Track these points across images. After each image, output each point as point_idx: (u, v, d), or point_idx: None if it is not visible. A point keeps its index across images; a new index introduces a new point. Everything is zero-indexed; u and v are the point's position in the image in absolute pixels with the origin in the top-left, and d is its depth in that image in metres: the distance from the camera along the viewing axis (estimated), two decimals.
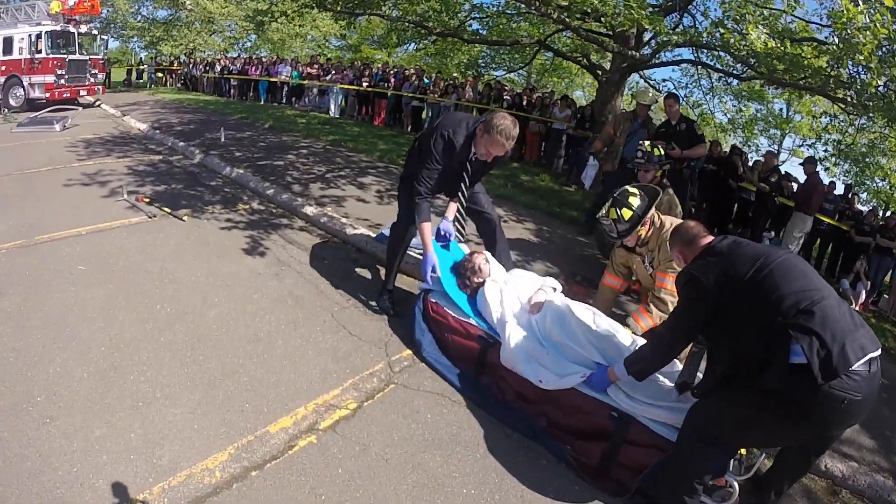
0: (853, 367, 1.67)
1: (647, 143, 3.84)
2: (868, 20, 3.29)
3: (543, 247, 5.10)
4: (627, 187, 3.02)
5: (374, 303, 3.48)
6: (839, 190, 8.55)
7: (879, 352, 1.75)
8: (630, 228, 2.90)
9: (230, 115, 11.78)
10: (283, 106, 14.42)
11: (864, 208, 8.98)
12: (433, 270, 3.05)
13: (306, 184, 6.12)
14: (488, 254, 3.24)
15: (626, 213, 2.90)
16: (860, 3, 3.41)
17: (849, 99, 4.12)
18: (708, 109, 10.62)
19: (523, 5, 5.96)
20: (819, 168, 6.87)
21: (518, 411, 2.59)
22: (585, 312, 2.67)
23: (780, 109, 13.99)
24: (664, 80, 10.16)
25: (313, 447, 2.16)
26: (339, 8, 7.45)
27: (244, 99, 16.03)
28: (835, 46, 3.75)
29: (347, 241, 4.61)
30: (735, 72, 6.59)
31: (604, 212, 2.99)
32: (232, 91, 16.66)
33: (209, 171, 6.58)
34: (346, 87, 12.83)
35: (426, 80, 12.04)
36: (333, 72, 13.55)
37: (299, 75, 14.40)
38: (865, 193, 12.64)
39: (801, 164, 6.80)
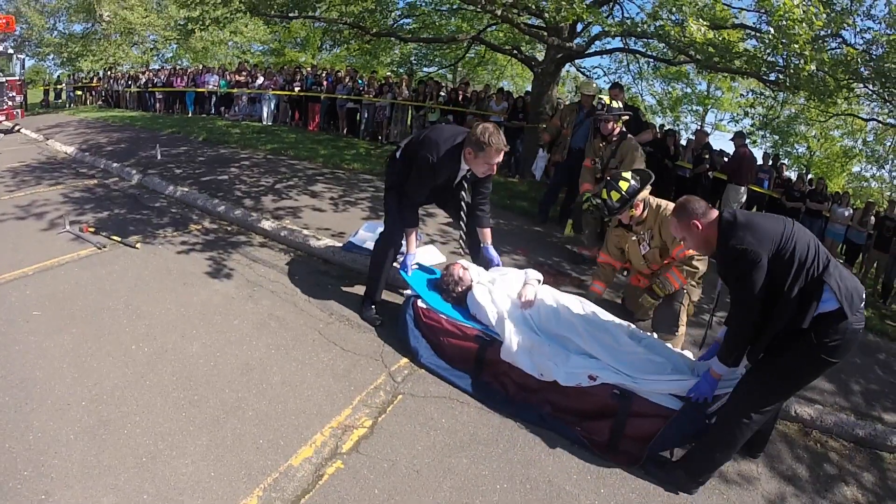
0: (861, 307, 2.12)
1: (605, 97, 3.93)
2: (804, 12, 3.62)
3: (505, 240, 5.21)
4: (621, 171, 3.32)
5: (357, 315, 3.44)
6: (759, 160, 9.33)
7: None
8: (621, 207, 3.21)
9: (160, 130, 11.03)
10: (213, 116, 13.68)
11: (792, 174, 9.88)
12: (409, 267, 3.27)
13: (257, 197, 5.89)
14: (463, 261, 3.32)
15: (615, 195, 3.21)
16: None
17: (780, 81, 4.51)
18: (637, 92, 11.23)
19: (468, 4, 5.99)
20: (747, 141, 7.46)
21: (523, 402, 2.70)
22: (575, 303, 2.83)
23: (701, 88, 14.96)
24: (594, 67, 10.62)
25: (342, 473, 2.13)
26: (272, 12, 7.16)
27: (171, 112, 15.10)
28: (770, 35, 4.09)
29: (312, 254, 4.51)
30: (667, 58, 6.99)
31: (598, 193, 3.32)
32: (157, 105, 15.63)
33: (151, 192, 6.16)
34: (278, 92, 12.38)
35: (360, 82, 11.85)
36: (262, 78, 13.02)
37: (227, 84, 13.73)
38: (787, 159, 13.92)
39: (731, 139, 7.35)
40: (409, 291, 3.28)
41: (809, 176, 10.79)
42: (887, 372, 3.97)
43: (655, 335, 3.10)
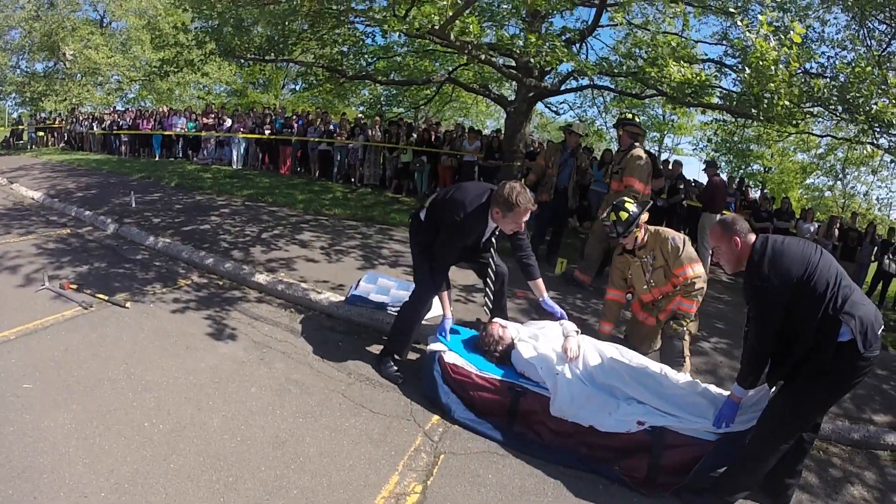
0: (876, 339, 2.23)
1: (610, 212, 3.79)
2: (778, 53, 3.93)
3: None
4: (624, 197, 3.57)
5: (375, 372, 3.37)
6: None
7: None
8: (627, 228, 3.41)
9: (129, 175, 10.67)
10: (181, 160, 13.37)
11: (755, 194, 10.50)
12: (446, 332, 3.24)
13: (245, 248, 5.73)
14: (499, 319, 3.34)
15: (623, 215, 3.43)
16: (771, 39, 4.06)
17: (754, 114, 4.83)
18: (602, 125, 11.76)
19: (450, 48, 6.17)
20: (722, 173, 7.88)
21: (560, 448, 2.73)
22: (615, 351, 2.90)
23: (657, 114, 15.77)
24: (560, 103, 10.97)
25: None
26: (248, 55, 7.14)
27: (137, 155, 14.66)
28: (746, 75, 4.39)
29: (314, 308, 4.40)
30: (634, 92, 7.35)
31: (605, 216, 3.51)
32: (123, 147, 15.12)
33: (129, 243, 5.90)
34: (248, 136, 12.24)
35: (332, 124, 11.86)
36: (230, 121, 12.87)
37: (195, 126, 13.48)
38: (743, 177, 14.86)
39: (703, 169, 7.73)
40: (431, 347, 3.22)
41: (767, 192, 11.57)
42: (871, 376, 4.21)
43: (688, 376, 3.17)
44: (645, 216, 3.51)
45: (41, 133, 19.16)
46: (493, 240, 3.31)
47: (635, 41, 5.54)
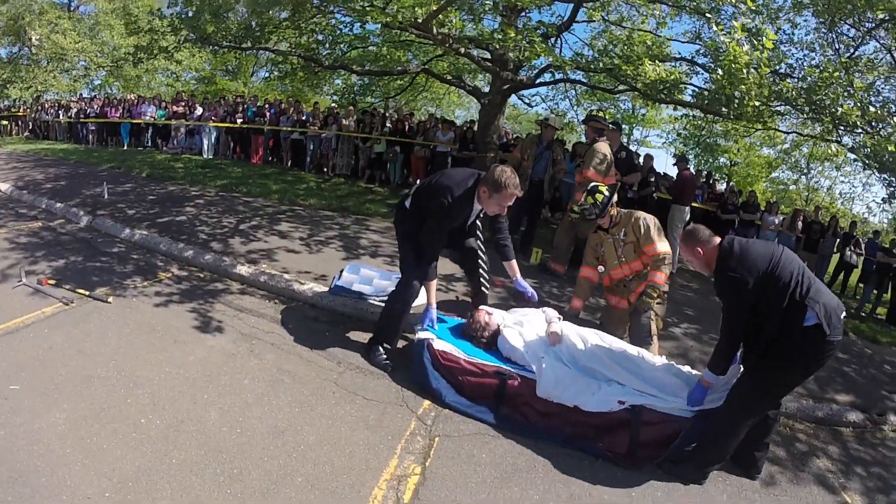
0: (840, 324, 2.47)
1: (587, 197, 4.04)
2: (750, 57, 4.15)
3: None
4: (597, 184, 3.90)
5: (363, 360, 3.46)
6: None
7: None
8: (602, 208, 3.71)
9: (98, 165, 10.29)
10: (150, 150, 12.92)
11: (721, 186, 10.92)
12: (433, 321, 3.35)
13: (224, 239, 5.69)
14: (485, 306, 3.47)
15: (599, 197, 3.74)
16: (744, 44, 4.28)
17: (725, 113, 5.07)
18: (573, 118, 12.01)
19: (430, 41, 6.19)
20: (690, 165, 8.20)
21: (546, 428, 2.91)
22: (595, 336, 3.08)
23: (626, 107, 16.15)
24: (533, 95, 11.12)
25: None
26: (225, 43, 6.99)
27: (105, 145, 14.09)
28: (719, 76, 4.61)
29: (297, 299, 4.44)
30: (608, 87, 7.54)
31: (582, 200, 3.82)
32: (90, 136, 14.51)
33: (104, 236, 5.75)
34: (220, 125, 11.96)
35: (305, 113, 11.71)
36: (201, 109, 12.53)
37: (165, 115, 13.08)
38: (710, 169, 15.42)
39: (674, 164, 8.04)
40: (419, 335, 3.33)
41: (732, 184, 12.07)
42: (834, 360, 4.60)
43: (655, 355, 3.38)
44: (615, 198, 3.84)
45: (4, 122, 18.21)
46: (478, 222, 3.40)
47: (611, 38, 5.71)
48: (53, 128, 16.35)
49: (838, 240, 9.99)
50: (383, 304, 3.60)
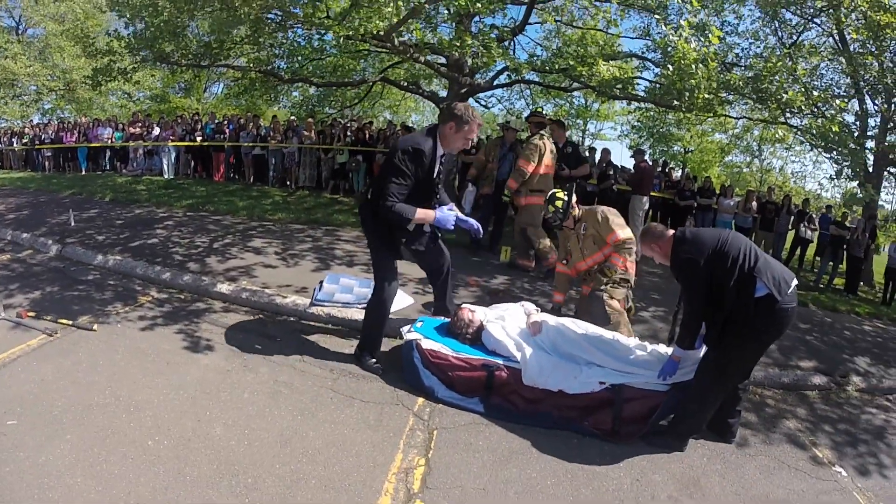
0: (790, 291, 2.74)
1: (548, 205, 4.24)
2: (698, 53, 4.48)
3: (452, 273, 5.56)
4: (554, 190, 4.20)
5: (355, 367, 3.58)
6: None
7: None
8: (565, 213, 4.03)
9: (59, 192, 10.01)
10: (109, 173, 12.62)
11: (677, 173, 11.42)
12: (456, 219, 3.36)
13: (200, 259, 5.69)
14: (468, 305, 3.65)
15: (559, 204, 4.04)
16: (692, 41, 4.60)
17: (676, 106, 5.41)
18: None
19: (390, 51, 6.34)
20: (646, 157, 8.62)
21: (535, 413, 3.13)
22: (573, 324, 3.34)
23: (580, 102, 16.66)
24: (489, 97, 11.39)
25: None
26: (184, 62, 6.95)
27: (63, 170, 13.69)
28: (670, 72, 4.93)
29: (281, 313, 4.54)
30: (562, 86, 7.85)
31: (545, 210, 4.16)
32: (46, 163, 14.07)
33: (77, 264, 5.65)
34: (180, 143, 11.77)
35: (264, 127, 11.65)
36: (158, 129, 12.30)
37: (122, 136, 12.77)
38: (664, 158, 16.06)
39: (631, 156, 8.45)
40: (407, 336, 3.49)
41: (688, 171, 12.67)
42: (794, 329, 5.05)
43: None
44: (573, 199, 4.13)
45: None
46: (438, 177, 3.33)
47: (564, 38, 5.99)
48: (7, 156, 15.74)
49: (792, 217, 10.54)
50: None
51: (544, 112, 5.96)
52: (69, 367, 3.45)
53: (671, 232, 3.02)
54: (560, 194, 4.12)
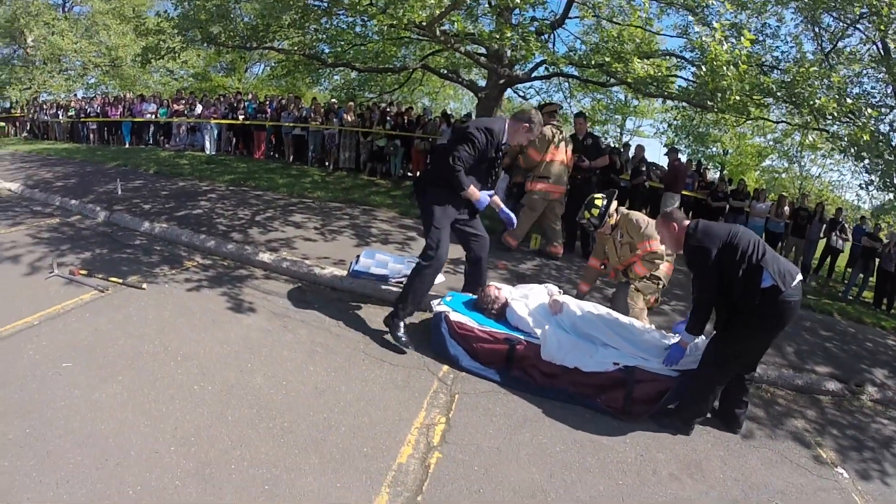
0: (794, 284, 2.86)
1: (584, 211, 4.33)
2: (730, 56, 4.54)
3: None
4: (594, 194, 4.18)
5: (387, 336, 3.76)
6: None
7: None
8: (600, 221, 4.06)
9: (104, 163, 10.54)
10: (153, 147, 13.17)
11: (712, 174, 11.30)
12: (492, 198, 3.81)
13: (242, 230, 6.03)
14: (495, 283, 3.87)
15: (595, 212, 4.08)
16: (724, 43, 4.66)
17: (709, 106, 5.45)
18: (566, 109, 12.40)
19: (432, 40, 6.52)
20: (681, 155, 8.61)
21: (551, 387, 3.32)
22: (592, 307, 3.52)
23: (620, 97, 16.54)
24: (528, 88, 11.50)
25: (444, 460, 2.59)
26: (230, 43, 7.29)
27: (107, 143, 14.33)
28: (703, 73, 4.99)
29: (319, 283, 4.80)
30: (600, 81, 7.91)
31: (581, 215, 4.18)
32: (91, 136, 14.72)
33: (124, 230, 6.06)
34: (221, 121, 12.23)
35: (304, 109, 11.98)
36: (201, 106, 12.79)
37: (167, 112, 13.32)
38: (703, 159, 15.85)
39: (665, 154, 8.45)
40: (436, 309, 3.71)
41: (725, 173, 12.47)
42: (814, 336, 5.01)
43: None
44: (615, 204, 4.16)
45: (1, 123, 18.34)
46: (497, 162, 3.78)
47: (602, 34, 6.05)
48: (52, 128, 16.53)
49: (825, 225, 10.26)
50: (400, 285, 3.94)
51: (561, 106, 6.02)
52: (120, 319, 3.75)
53: (688, 222, 3.15)
54: (598, 201, 4.13)
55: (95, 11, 17.58)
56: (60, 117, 16.19)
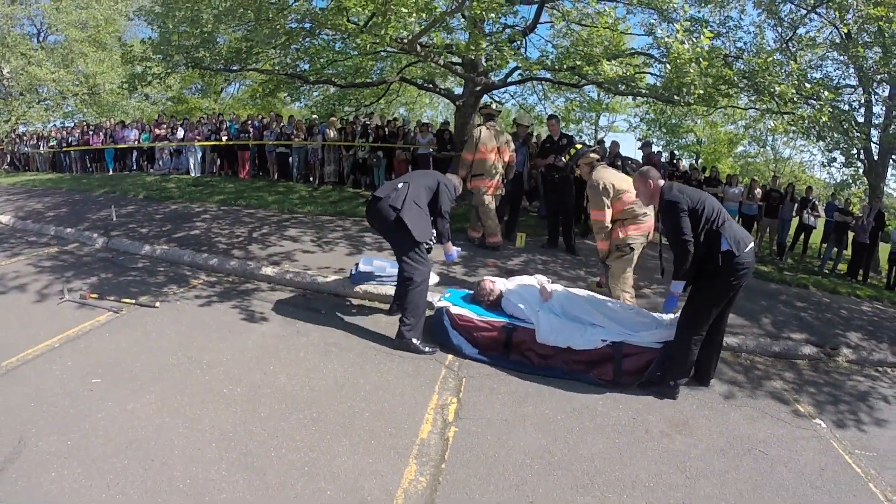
0: (746, 249, 3.26)
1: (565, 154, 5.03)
2: (691, 54, 4.95)
3: (474, 257, 6.13)
4: (579, 143, 4.90)
5: (393, 330, 4.01)
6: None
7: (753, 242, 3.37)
8: (574, 160, 4.72)
9: (92, 191, 10.65)
10: (137, 173, 13.29)
11: (685, 162, 11.79)
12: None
13: (242, 247, 6.27)
14: (489, 277, 4.25)
15: (572, 151, 4.74)
16: (686, 42, 5.07)
17: (676, 100, 5.86)
18: (541, 111, 12.90)
19: (409, 54, 6.83)
20: (655, 147, 9.04)
21: (547, 367, 3.66)
22: (579, 291, 3.91)
23: (592, 95, 17.09)
24: (503, 93, 11.85)
25: (460, 433, 2.91)
26: (215, 66, 7.52)
27: (90, 172, 14.36)
28: (667, 70, 5.39)
29: (322, 290, 5.08)
30: (572, 82, 8.30)
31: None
32: (73, 165, 14.74)
33: (125, 254, 6.22)
34: (206, 143, 12.41)
35: (287, 126, 12.19)
36: (183, 130, 12.95)
37: (149, 137, 13.45)
38: (677, 150, 16.44)
39: (639, 148, 8.90)
40: (437, 304, 4.05)
41: (700, 161, 13.01)
42: (790, 307, 5.48)
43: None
44: (594, 156, 4.62)
45: None
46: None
47: (572, 38, 6.41)
48: (34, 159, 16.50)
49: (796, 204, 10.73)
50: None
51: (499, 111, 6.39)
52: (140, 336, 3.92)
53: (663, 181, 3.53)
54: (574, 148, 4.78)
55: (72, 40, 17.59)
56: (41, 148, 16.16)
